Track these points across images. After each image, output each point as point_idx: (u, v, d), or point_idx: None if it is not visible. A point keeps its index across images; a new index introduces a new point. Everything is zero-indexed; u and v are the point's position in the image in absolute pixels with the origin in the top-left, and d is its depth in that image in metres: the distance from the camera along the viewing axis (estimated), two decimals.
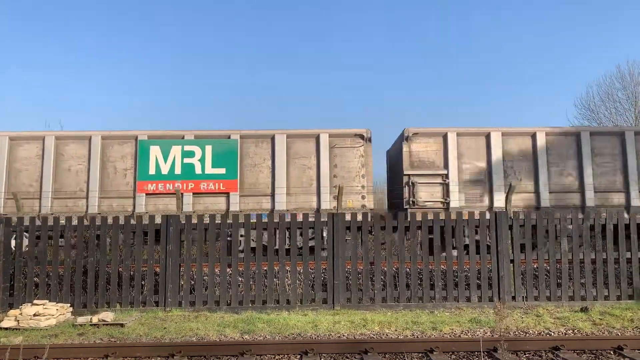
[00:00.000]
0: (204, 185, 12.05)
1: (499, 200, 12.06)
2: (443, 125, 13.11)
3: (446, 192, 12.23)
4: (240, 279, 8.59)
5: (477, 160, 12.48)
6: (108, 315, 7.46)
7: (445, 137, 12.41)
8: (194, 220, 8.72)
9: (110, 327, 7.11)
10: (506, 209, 9.09)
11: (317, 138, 12.28)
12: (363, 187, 12.16)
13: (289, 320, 7.35)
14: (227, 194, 12.08)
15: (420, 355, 5.78)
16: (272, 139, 12.29)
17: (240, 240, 9.92)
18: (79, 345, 6.14)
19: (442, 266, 8.55)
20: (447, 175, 12.24)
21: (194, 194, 12.08)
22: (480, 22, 56.86)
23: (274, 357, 5.74)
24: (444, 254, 8.59)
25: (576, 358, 5.58)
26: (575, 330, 6.86)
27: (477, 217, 8.83)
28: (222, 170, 12.15)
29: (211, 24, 64.58)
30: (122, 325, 7.16)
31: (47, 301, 7.83)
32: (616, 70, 27.94)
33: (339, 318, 7.54)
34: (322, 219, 8.92)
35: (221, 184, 12.08)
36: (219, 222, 8.71)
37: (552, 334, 6.72)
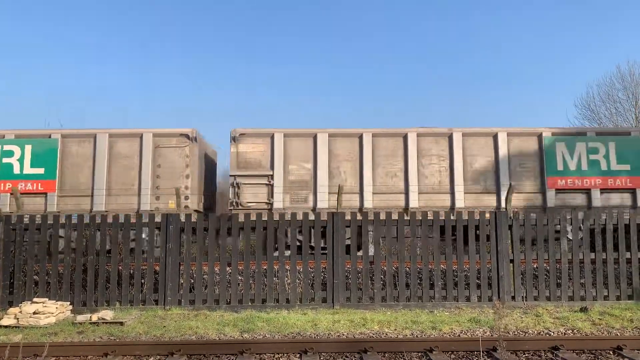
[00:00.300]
0: (22, 185, 11.96)
1: (322, 201, 12.10)
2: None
3: (271, 193, 12.22)
4: (240, 277, 8.59)
5: (304, 161, 12.45)
6: (107, 314, 7.46)
7: (272, 138, 12.39)
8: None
9: (109, 326, 7.12)
10: (506, 209, 9.10)
11: (141, 138, 12.20)
12: (187, 187, 12.07)
13: (289, 319, 7.35)
14: (45, 194, 12.00)
15: (419, 354, 5.78)
16: (95, 138, 12.22)
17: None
18: (79, 344, 6.14)
19: (442, 266, 8.56)
20: (272, 177, 12.22)
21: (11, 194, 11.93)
22: (480, 22, 56.93)
23: (274, 356, 5.74)
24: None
25: (575, 358, 5.58)
26: (575, 330, 6.86)
27: (477, 217, 8.84)
28: (41, 170, 12.07)
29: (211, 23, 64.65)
30: (121, 323, 7.17)
31: (47, 299, 7.83)
32: (616, 70, 27.95)
33: (338, 317, 7.55)
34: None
35: (39, 184, 12.01)
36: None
37: (552, 333, 6.72)
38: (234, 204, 12.07)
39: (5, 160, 11.99)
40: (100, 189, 11.92)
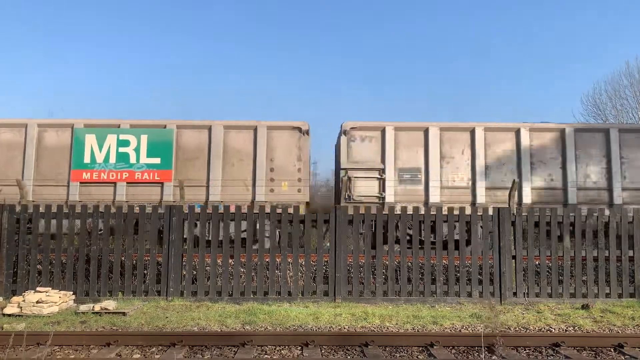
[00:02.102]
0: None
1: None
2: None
3: (382, 187, 12.06)
4: (242, 270, 8.62)
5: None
6: (110, 304, 7.50)
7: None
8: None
9: (112, 316, 7.15)
10: (509, 205, 9.08)
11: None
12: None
13: (290, 312, 7.38)
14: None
15: (420, 349, 5.79)
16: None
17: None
18: (81, 333, 6.18)
19: (444, 261, 8.57)
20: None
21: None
22: (489, 16, 56.59)
23: (275, 348, 5.77)
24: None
25: (576, 355, 5.59)
26: (576, 327, 6.87)
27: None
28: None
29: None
30: (124, 314, 7.21)
31: (50, 289, 7.87)
32: (625, 66, 27.75)
33: (340, 311, 7.57)
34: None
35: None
36: (221, 212, 8.71)
37: (553, 330, 6.73)
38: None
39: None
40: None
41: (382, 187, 12.05)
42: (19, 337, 5.22)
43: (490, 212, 8.72)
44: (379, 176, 12.10)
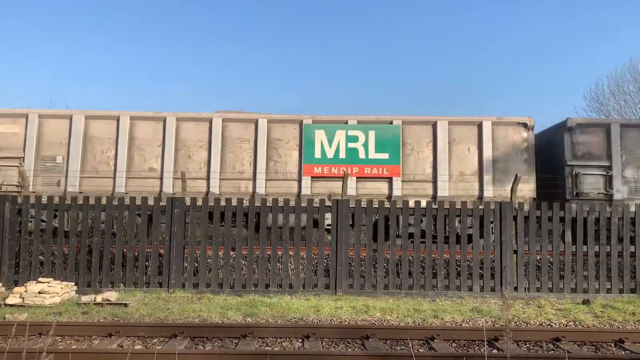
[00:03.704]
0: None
1: None
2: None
3: (609, 184, 11.82)
4: (243, 262, 8.63)
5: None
6: (112, 295, 7.52)
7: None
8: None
9: (113, 307, 7.18)
10: (511, 200, 9.07)
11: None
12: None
13: (292, 305, 7.39)
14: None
15: (421, 342, 5.81)
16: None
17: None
18: (83, 324, 6.21)
19: (445, 255, 8.57)
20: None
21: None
22: (494, 9, 56.31)
23: (276, 341, 5.78)
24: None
25: (577, 349, 5.59)
26: (577, 322, 6.87)
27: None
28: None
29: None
30: (125, 305, 7.23)
31: (52, 279, 7.89)
32: (629, 62, 27.67)
33: (341, 304, 7.59)
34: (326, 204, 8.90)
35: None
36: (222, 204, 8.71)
37: (554, 325, 6.74)
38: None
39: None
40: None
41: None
42: (21, 327, 5.25)
43: (492, 206, 8.72)
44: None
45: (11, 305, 7.27)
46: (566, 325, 6.72)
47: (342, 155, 11.95)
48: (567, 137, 12.01)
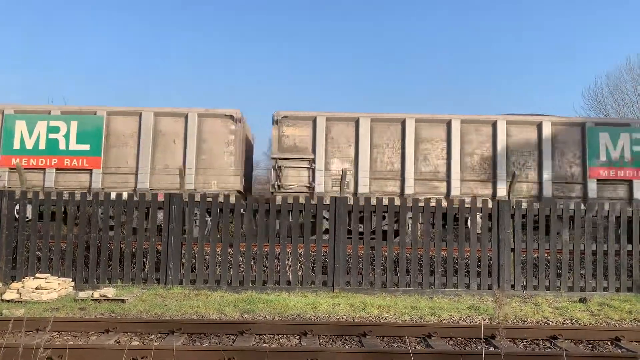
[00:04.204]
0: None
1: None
2: None
3: (312, 177, 12.04)
4: (241, 259, 8.63)
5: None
6: (109, 291, 7.51)
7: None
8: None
9: (111, 303, 7.17)
10: (509, 198, 9.08)
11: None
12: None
13: (289, 302, 7.39)
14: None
15: (418, 339, 5.81)
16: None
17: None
18: (80, 320, 6.20)
19: (442, 253, 8.58)
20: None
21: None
22: (493, 10, 56.31)
23: (273, 337, 5.78)
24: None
25: (573, 347, 5.60)
26: (574, 320, 6.89)
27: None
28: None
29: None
30: (123, 301, 7.22)
31: (49, 275, 7.88)
32: (626, 62, 27.75)
33: (338, 301, 7.59)
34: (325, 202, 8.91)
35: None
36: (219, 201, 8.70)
37: (550, 323, 6.75)
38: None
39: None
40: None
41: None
42: (18, 323, 5.23)
43: (490, 204, 8.73)
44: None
45: (8, 301, 7.26)
46: (563, 324, 6.73)
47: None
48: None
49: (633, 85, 25.31)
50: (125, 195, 8.97)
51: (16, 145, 12.01)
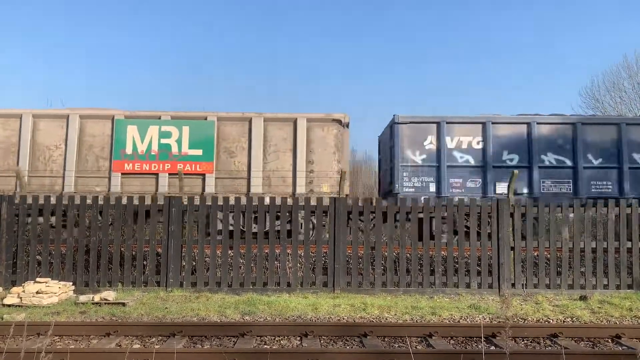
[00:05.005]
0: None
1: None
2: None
3: None
4: (241, 261, 8.63)
5: None
6: (110, 295, 7.51)
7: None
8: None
9: (112, 306, 7.17)
10: (508, 197, 9.08)
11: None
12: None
13: (290, 303, 7.40)
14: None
15: (419, 339, 5.82)
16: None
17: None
18: (81, 323, 6.20)
19: (442, 252, 8.59)
20: None
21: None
22: (485, 9, 56.41)
23: (274, 339, 5.79)
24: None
25: (574, 345, 5.62)
26: (574, 318, 6.90)
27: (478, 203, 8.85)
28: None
29: None
30: (123, 304, 7.22)
31: (50, 279, 7.88)
32: (623, 59, 27.77)
33: (339, 301, 7.59)
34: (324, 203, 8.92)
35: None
36: (221, 204, 8.71)
37: (551, 321, 6.76)
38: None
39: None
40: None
41: None
42: (19, 328, 5.23)
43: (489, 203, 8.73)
44: None
45: (9, 306, 7.26)
46: (563, 322, 6.75)
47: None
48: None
49: (631, 83, 25.34)
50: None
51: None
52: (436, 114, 12.76)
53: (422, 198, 11.24)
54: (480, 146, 12.32)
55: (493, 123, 12.31)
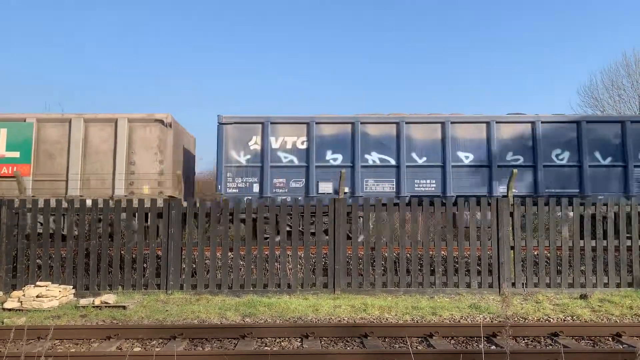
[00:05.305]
0: None
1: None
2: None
3: None
4: (241, 262, 8.64)
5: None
6: (110, 298, 7.51)
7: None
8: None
9: (112, 309, 7.17)
10: (507, 196, 9.09)
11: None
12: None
13: (290, 304, 7.40)
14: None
15: (419, 339, 5.82)
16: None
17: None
18: (82, 327, 6.20)
19: (442, 252, 8.59)
20: None
21: None
22: (484, 9, 56.51)
23: (275, 340, 5.79)
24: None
25: (575, 344, 5.62)
26: (575, 317, 6.90)
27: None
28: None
29: None
30: (124, 307, 7.22)
31: (50, 283, 7.89)
32: (622, 57, 27.80)
33: (339, 302, 7.59)
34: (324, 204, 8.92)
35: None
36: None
37: (551, 320, 6.76)
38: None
39: None
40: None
41: None
42: (19, 332, 5.24)
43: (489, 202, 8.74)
44: None
45: (9, 310, 7.26)
46: (564, 320, 6.75)
47: None
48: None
49: (630, 81, 25.35)
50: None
51: None
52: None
53: (245, 199, 11.13)
54: (304, 146, 12.01)
55: (317, 123, 12.06)
